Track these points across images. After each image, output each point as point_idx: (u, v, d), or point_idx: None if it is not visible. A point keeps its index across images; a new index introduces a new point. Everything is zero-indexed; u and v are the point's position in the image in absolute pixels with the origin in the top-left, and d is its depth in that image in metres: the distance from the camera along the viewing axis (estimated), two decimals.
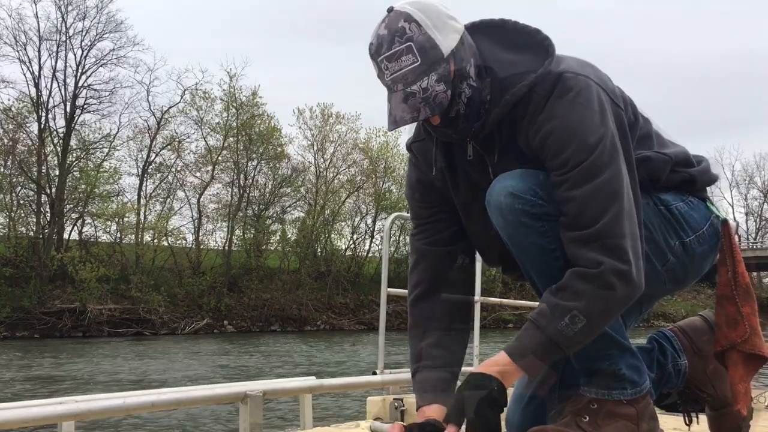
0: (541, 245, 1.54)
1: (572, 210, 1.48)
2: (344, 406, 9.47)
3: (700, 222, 1.70)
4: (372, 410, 3.41)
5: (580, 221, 1.47)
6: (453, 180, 1.72)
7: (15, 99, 33.47)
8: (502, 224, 1.56)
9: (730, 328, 1.71)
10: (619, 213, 1.47)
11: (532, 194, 1.52)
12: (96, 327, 29.39)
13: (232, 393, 2.25)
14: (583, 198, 1.47)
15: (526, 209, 1.51)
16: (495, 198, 1.55)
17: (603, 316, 1.48)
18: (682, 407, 1.88)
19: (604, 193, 1.47)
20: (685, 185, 1.71)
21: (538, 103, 1.53)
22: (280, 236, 39.67)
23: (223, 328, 32.63)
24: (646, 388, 1.65)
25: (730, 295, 1.71)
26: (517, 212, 1.52)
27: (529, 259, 1.58)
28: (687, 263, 1.69)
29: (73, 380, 13.55)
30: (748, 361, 1.70)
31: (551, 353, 1.48)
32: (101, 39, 34.71)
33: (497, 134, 1.60)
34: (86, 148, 35.07)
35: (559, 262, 1.53)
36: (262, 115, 38.57)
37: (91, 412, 1.90)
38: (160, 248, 35.51)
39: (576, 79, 1.53)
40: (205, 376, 14.37)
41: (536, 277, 1.60)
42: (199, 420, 8.84)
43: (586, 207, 1.47)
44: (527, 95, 1.53)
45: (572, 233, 1.49)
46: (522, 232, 1.54)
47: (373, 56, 1.53)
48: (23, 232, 32.88)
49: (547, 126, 1.51)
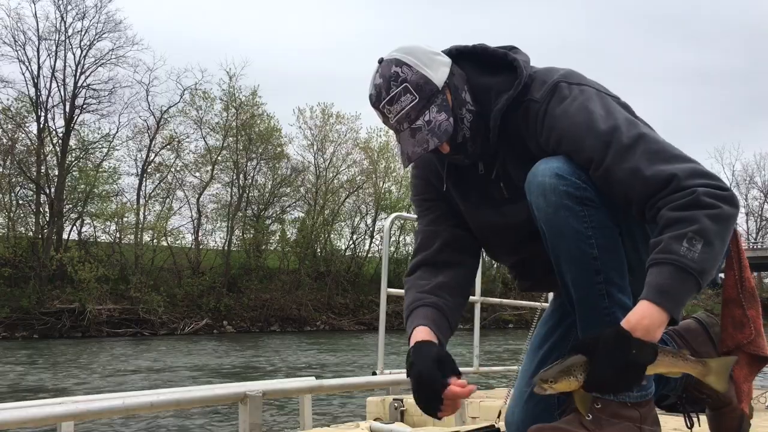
0: (578, 230, 1.53)
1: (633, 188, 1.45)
2: (344, 406, 9.47)
3: None
4: (372, 410, 3.41)
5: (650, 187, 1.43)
6: (463, 197, 1.77)
7: (14, 99, 33.51)
8: (543, 205, 1.55)
9: (736, 329, 1.74)
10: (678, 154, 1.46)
11: (577, 177, 1.52)
12: (95, 327, 29.39)
13: (231, 393, 2.25)
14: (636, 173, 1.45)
15: (570, 191, 1.51)
16: (539, 178, 1.54)
17: (719, 235, 1.40)
18: (681, 408, 1.90)
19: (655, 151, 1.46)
20: None
21: (538, 113, 1.58)
22: (279, 236, 39.69)
23: (222, 329, 32.62)
24: (651, 393, 1.66)
25: (737, 299, 1.74)
26: (561, 193, 1.51)
27: (564, 243, 1.55)
28: None
29: (72, 381, 13.55)
30: (752, 362, 1.74)
31: (687, 284, 1.39)
32: (100, 39, 34.75)
33: (501, 153, 1.67)
34: (85, 148, 35.09)
35: (594, 250, 1.53)
36: (262, 114, 38.61)
37: (91, 413, 1.90)
38: (159, 248, 35.51)
39: (571, 87, 1.58)
40: (204, 377, 14.37)
41: (566, 263, 1.58)
42: (199, 420, 8.84)
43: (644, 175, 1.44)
44: (525, 109, 1.60)
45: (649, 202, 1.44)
46: (562, 215, 1.53)
47: (375, 105, 1.62)
48: (22, 232, 32.87)
49: (556, 130, 1.55)
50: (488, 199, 1.72)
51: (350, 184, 41.56)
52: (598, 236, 1.53)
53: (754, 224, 55.88)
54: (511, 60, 1.65)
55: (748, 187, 56.28)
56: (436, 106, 1.58)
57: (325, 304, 36.81)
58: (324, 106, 41.02)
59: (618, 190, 1.50)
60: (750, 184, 56.15)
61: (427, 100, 1.58)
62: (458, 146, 1.63)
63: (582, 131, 1.51)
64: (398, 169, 42.56)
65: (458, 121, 1.61)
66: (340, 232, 41.83)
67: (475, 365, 4.58)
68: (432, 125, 1.57)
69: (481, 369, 4.64)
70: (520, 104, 1.61)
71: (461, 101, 1.62)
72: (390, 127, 1.64)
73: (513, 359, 13.03)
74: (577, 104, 1.54)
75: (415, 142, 1.58)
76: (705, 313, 1.93)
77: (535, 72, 1.65)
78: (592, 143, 1.50)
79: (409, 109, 1.58)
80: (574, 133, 1.52)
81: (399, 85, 1.58)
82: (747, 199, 56.64)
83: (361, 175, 41.92)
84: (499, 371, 5.69)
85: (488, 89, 1.65)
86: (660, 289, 1.38)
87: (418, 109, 1.58)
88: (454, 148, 1.63)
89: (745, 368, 1.73)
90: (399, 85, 1.58)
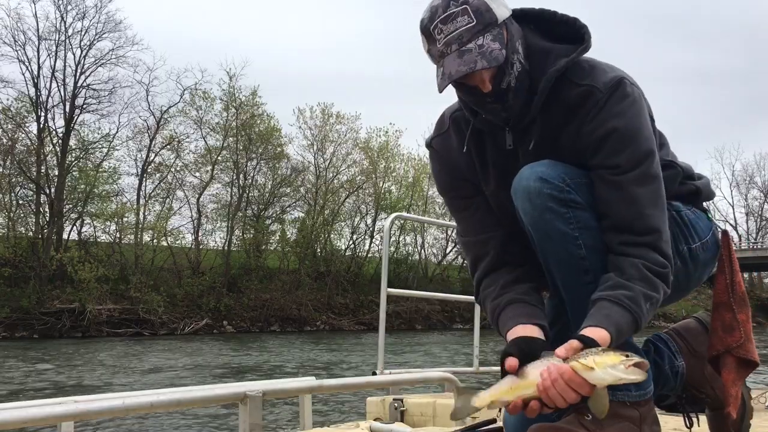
0: (564, 232, 1.54)
1: (631, 211, 1.53)
2: (344, 407, 9.47)
3: (705, 230, 1.76)
4: (372, 410, 3.41)
5: (641, 224, 1.53)
6: (483, 168, 1.72)
7: (14, 99, 33.57)
8: (529, 209, 1.56)
9: (726, 333, 1.76)
10: (665, 218, 1.57)
11: (560, 180, 1.54)
12: (95, 327, 29.40)
13: (231, 393, 2.25)
14: (644, 201, 1.53)
15: (554, 194, 1.53)
16: (524, 183, 1.56)
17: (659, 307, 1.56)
18: (681, 408, 1.90)
19: (658, 198, 1.56)
20: (690, 197, 1.77)
21: (596, 103, 1.55)
22: (279, 236, 39.69)
23: (222, 329, 32.62)
24: (650, 393, 1.66)
25: (727, 303, 1.77)
26: (545, 196, 1.53)
27: (551, 245, 1.57)
28: (691, 270, 1.74)
29: (72, 381, 13.54)
30: (741, 365, 1.75)
31: (631, 332, 1.52)
32: (100, 39, 34.83)
33: (537, 123, 1.61)
34: (85, 148, 35.11)
35: (581, 250, 1.55)
36: (262, 115, 38.61)
37: (91, 413, 1.90)
38: (159, 248, 35.52)
39: (633, 86, 1.58)
40: (204, 377, 14.36)
41: (555, 265, 1.59)
42: (199, 420, 8.84)
43: (645, 210, 1.53)
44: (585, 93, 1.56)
45: (633, 236, 1.53)
46: (547, 218, 1.54)
47: (426, 27, 1.54)
48: (22, 232, 32.89)
49: (609, 124, 1.53)
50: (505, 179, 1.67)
51: (350, 184, 41.56)
52: (584, 237, 1.55)
53: (754, 224, 55.97)
54: (580, 26, 1.62)
55: (748, 187, 56.37)
56: (492, 35, 1.51)
57: (325, 304, 36.81)
58: (324, 106, 41.10)
59: (611, 201, 1.54)
60: (750, 184, 56.26)
61: (483, 26, 1.51)
62: (501, 92, 1.55)
63: (629, 139, 1.53)
64: (398, 169, 42.67)
65: (508, 63, 1.53)
66: (340, 232, 41.90)
67: (475, 365, 4.57)
68: (484, 49, 1.49)
69: (481, 369, 4.63)
70: (580, 86, 1.56)
71: (515, 48, 1.55)
72: (433, 54, 1.55)
73: None
74: (634, 110, 1.55)
75: (462, 62, 1.49)
76: (706, 313, 1.93)
77: (594, 60, 1.63)
78: (630, 156, 1.53)
79: (462, 31, 1.50)
80: (623, 136, 1.53)
81: (459, 5, 1.51)
82: (747, 199, 56.72)
83: (361, 175, 41.94)
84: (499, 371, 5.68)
85: (546, 52, 1.60)
86: (619, 329, 1.46)
87: (473, 32, 1.50)
88: (497, 92, 1.55)
89: (733, 372, 1.74)
90: (459, 5, 1.51)
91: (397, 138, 43.58)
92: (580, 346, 1.38)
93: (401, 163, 43.27)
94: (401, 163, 43.27)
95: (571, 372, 1.35)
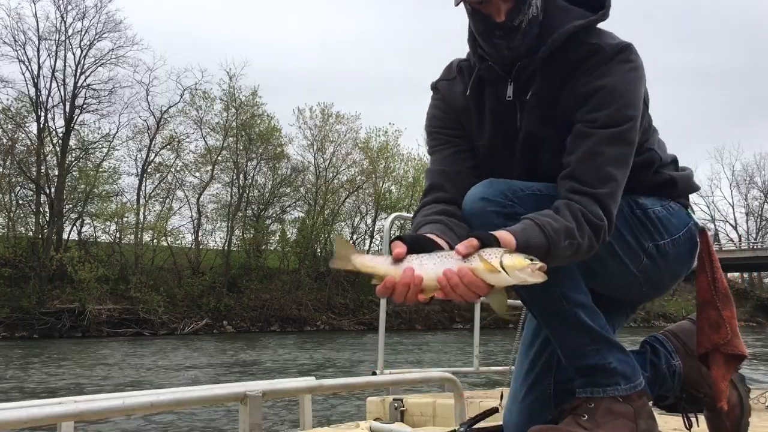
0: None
1: (589, 164, 1.56)
2: (344, 406, 9.47)
3: (677, 227, 1.76)
4: (372, 410, 3.41)
5: (594, 176, 1.56)
6: (479, 117, 1.75)
7: (14, 99, 33.60)
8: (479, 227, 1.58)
9: (712, 330, 1.78)
10: (622, 184, 1.59)
11: (502, 197, 1.58)
12: (95, 327, 29.40)
13: (231, 393, 2.25)
14: (606, 158, 1.56)
15: (498, 210, 1.57)
16: (468, 206, 1.61)
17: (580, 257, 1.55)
18: (680, 408, 1.91)
19: (622, 163, 1.58)
20: (665, 188, 1.77)
21: (600, 60, 1.60)
22: (279, 236, 39.70)
23: (222, 329, 32.62)
24: (640, 385, 1.68)
25: (711, 300, 1.78)
26: (489, 214, 1.57)
27: None
28: (661, 265, 1.74)
29: (72, 380, 13.55)
30: (729, 360, 1.77)
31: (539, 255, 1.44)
32: (100, 39, 34.86)
33: (539, 76, 1.65)
34: (85, 148, 35.12)
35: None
36: (262, 115, 38.62)
37: (90, 413, 1.90)
38: (159, 248, 35.53)
39: (638, 56, 1.63)
40: (204, 377, 14.37)
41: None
42: (199, 420, 8.84)
43: (604, 167, 1.56)
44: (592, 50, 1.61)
45: (581, 185, 1.56)
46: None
47: None
48: (22, 232, 32.90)
49: (600, 82, 1.59)
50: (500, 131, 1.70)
51: (350, 184, 41.57)
52: None
53: (754, 224, 55.91)
54: None
55: (748, 187, 56.38)
56: None
57: (325, 304, 36.81)
58: (324, 106, 41.10)
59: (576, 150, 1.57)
60: (750, 184, 56.26)
61: None
62: (511, 28, 1.59)
63: (616, 98, 1.57)
64: (398, 169, 42.66)
65: (526, 3, 1.59)
66: (340, 232, 41.84)
67: (475, 365, 4.57)
68: None
69: (481, 369, 4.63)
70: (589, 44, 1.62)
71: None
72: None
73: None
74: (632, 75, 1.60)
75: None
76: None
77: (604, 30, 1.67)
78: (611, 114, 1.57)
79: None
80: (611, 94, 1.57)
81: None
82: (747, 199, 56.71)
83: (361, 175, 41.95)
84: (499, 371, 5.70)
85: (565, 10, 1.65)
86: (527, 245, 1.41)
87: None
88: (508, 26, 1.59)
89: (722, 367, 1.76)
90: None
91: (397, 138, 43.68)
92: (477, 244, 1.35)
93: (401, 163, 43.31)
94: (401, 163, 43.31)
95: (471, 275, 1.32)
